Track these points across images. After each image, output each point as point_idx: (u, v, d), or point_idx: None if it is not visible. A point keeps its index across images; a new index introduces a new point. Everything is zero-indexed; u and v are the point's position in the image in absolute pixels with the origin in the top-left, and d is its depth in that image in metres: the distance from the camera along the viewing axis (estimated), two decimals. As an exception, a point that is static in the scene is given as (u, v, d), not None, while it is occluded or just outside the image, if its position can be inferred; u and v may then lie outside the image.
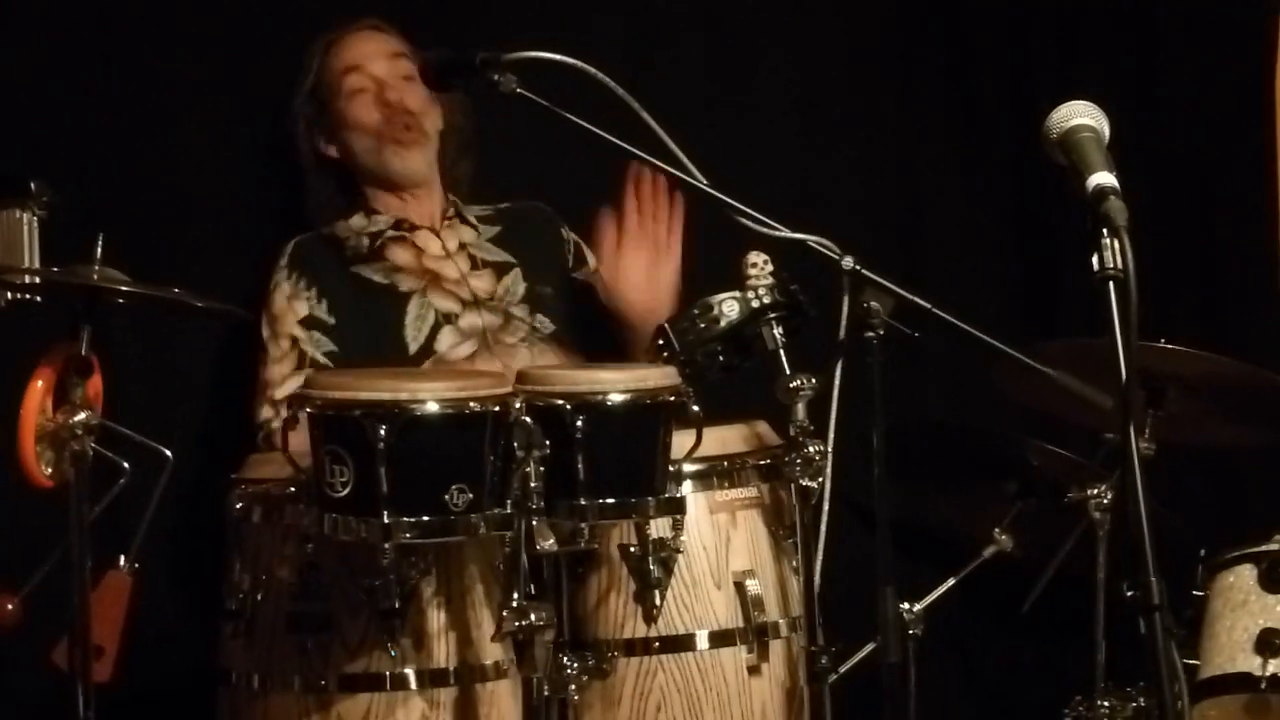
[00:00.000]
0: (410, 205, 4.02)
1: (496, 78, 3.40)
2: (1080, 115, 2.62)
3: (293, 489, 3.21)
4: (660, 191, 3.79)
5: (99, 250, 3.08)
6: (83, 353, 3.06)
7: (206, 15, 4.06)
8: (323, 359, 3.81)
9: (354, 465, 2.98)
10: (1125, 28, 4.85)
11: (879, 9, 4.72)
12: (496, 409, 3.03)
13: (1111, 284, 2.43)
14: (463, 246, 4.02)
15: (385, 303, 3.89)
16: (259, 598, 3.24)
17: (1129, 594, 2.44)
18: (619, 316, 3.88)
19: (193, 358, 3.98)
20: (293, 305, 3.85)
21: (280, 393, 3.71)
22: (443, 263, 3.97)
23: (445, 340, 3.87)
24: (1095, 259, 2.45)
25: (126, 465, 3.17)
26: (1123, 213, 2.45)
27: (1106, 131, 2.60)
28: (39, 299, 3.27)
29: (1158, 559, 2.41)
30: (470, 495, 3.00)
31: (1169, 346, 3.74)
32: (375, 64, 3.96)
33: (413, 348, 3.86)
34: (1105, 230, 2.44)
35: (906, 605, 3.51)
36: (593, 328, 3.98)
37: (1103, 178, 2.50)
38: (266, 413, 3.75)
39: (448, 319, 3.90)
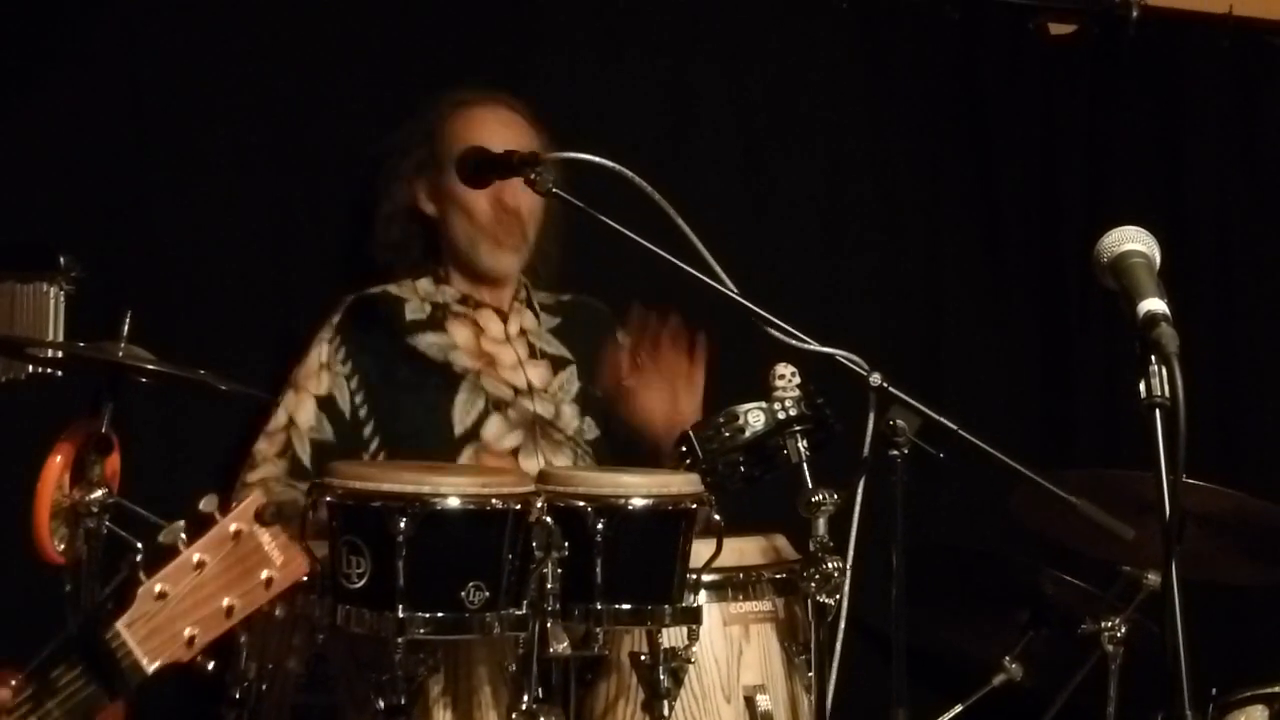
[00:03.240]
0: (482, 287, 3.99)
1: (533, 176, 3.42)
2: (1131, 240, 2.60)
3: (305, 578, 3.17)
4: (676, 334, 3.76)
5: (125, 328, 3.05)
6: (103, 430, 3.04)
7: (240, 94, 4.07)
8: (305, 458, 3.76)
9: (371, 557, 2.95)
10: (1153, 156, 4.87)
11: (908, 130, 4.74)
12: (518, 507, 3.00)
13: (1158, 412, 2.40)
14: (523, 332, 3.99)
15: (437, 380, 3.86)
16: (264, 687, 3.22)
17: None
18: (641, 431, 3.86)
19: (211, 439, 3.95)
20: (320, 376, 3.82)
21: (253, 475, 3.71)
22: (501, 347, 3.95)
23: (492, 428, 3.84)
24: (1142, 385, 2.43)
25: (140, 545, 3.13)
26: (1174, 340, 2.43)
27: (1158, 258, 2.59)
28: (60, 373, 3.26)
29: (1194, 692, 2.38)
30: (486, 594, 2.97)
31: (1189, 481, 3.68)
32: None
33: (458, 430, 3.82)
34: (1155, 357, 2.42)
35: (912, 730, 3.46)
36: (634, 437, 3.93)
37: (1154, 304, 2.49)
38: (239, 486, 3.72)
39: (498, 406, 3.86)
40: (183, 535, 2.64)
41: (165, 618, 2.55)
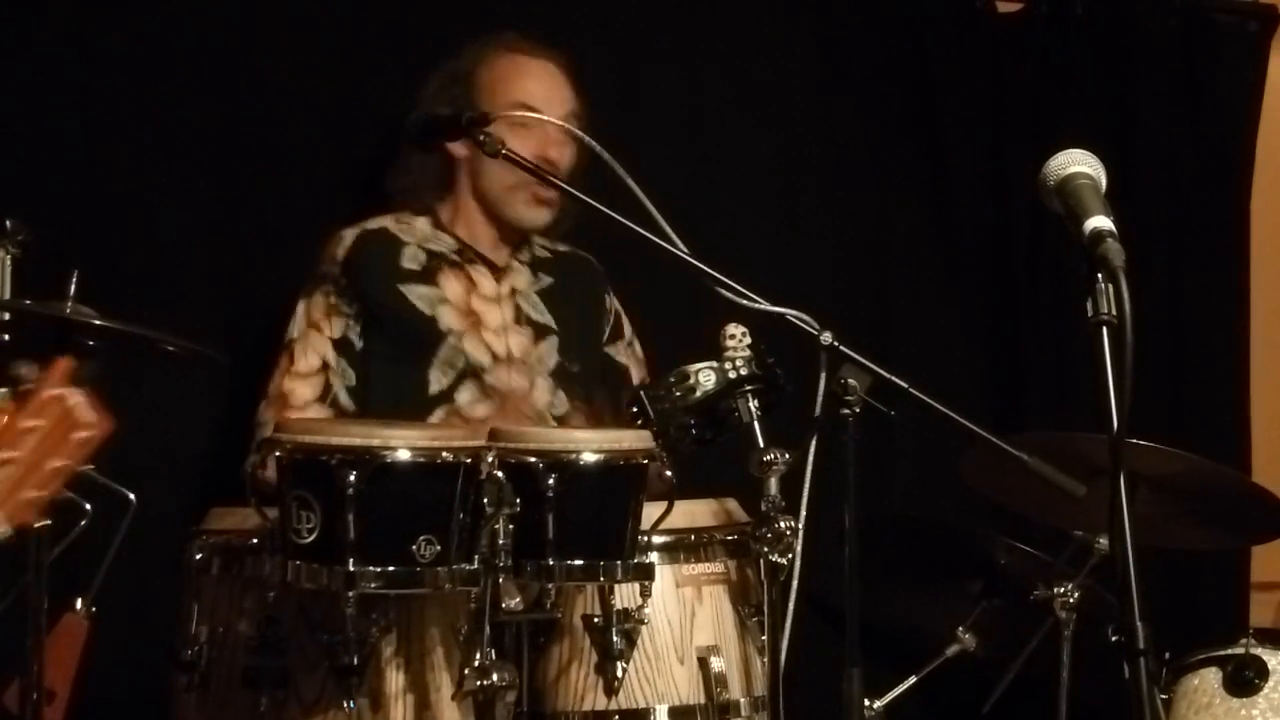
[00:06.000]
0: (484, 238, 3.91)
1: (482, 137, 3.41)
2: (1078, 163, 2.58)
3: (254, 540, 3.17)
4: None
5: (73, 287, 3.04)
6: (50, 391, 3.01)
7: (187, 52, 4.05)
8: (345, 398, 3.71)
9: (321, 511, 2.94)
10: (1101, 122, 4.89)
11: (858, 101, 4.75)
12: (468, 460, 2.99)
13: (1105, 329, 2.39)
14: (513, 293, 3.91)
15: (421, 334, 3.78)
16: (215, 651, 3.19)
17: (1113, 639, 2.39)
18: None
19: (160, 400, 3.91)
20: (330, 319, 3.75)
21: (300, 414, 3.61)
22: (489, 305, 3.86)
23: (466, 394, 3.78)
24: (1090, 304, 2.41)
25: (88, 506, 3.12)
26: (1120, 254, 2.41)
27: (1104, 180, 2.57)
28: (7, 337, 3.23)
29: (1144, 603, 2.39)
30: (437, 548, 2.96)
31: (1141, 443, 3.68)
32: (554, 111, 3.77)
33: (433, 388, 3.76)
34: (1101, 274, 2.41)
35: (867, 702, 3.46)
36: (606, 409, 3.93)
37: (1100, 221, 2.47)
38: (270, 427, 3.55)
39: (475, 373, 3.79)
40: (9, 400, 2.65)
41: (12, 483, 2.47)
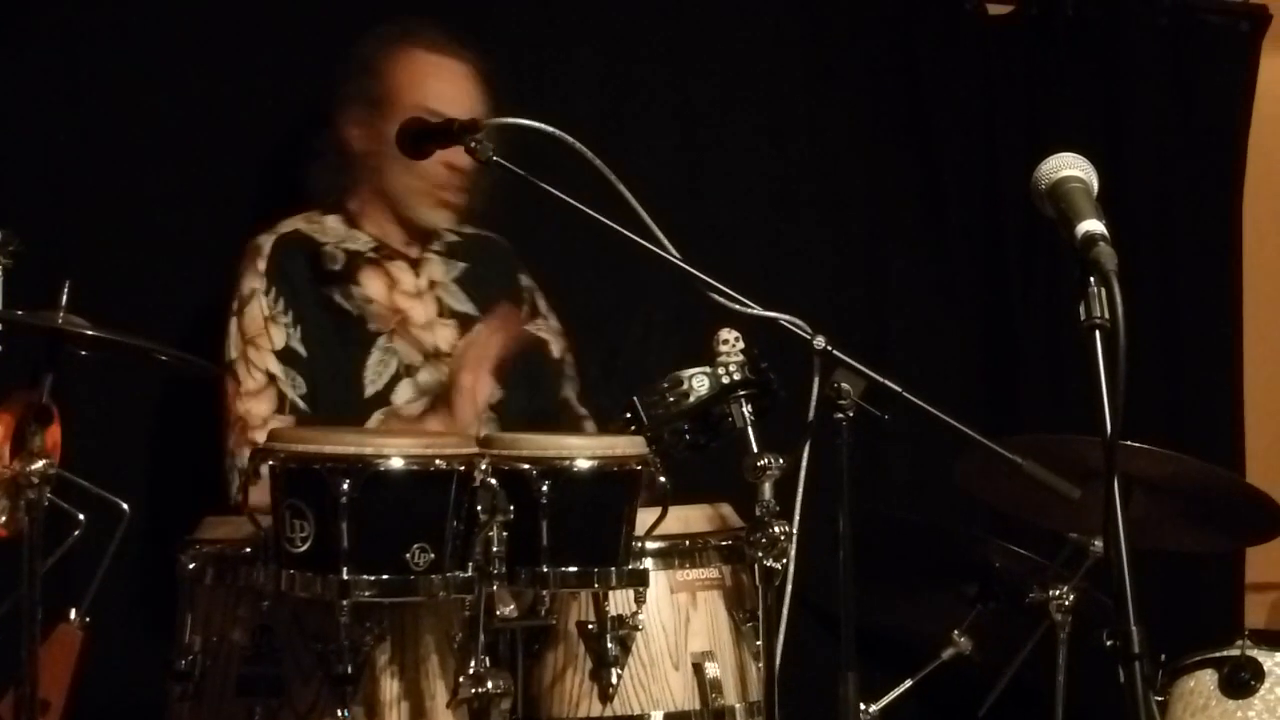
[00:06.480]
0: (393, 231, 3.93)
1: (473, 144, 3.40)
2: (1069, 167, 2.59)
3: (248, 550, 3.16)
4: None
5: (64, 297, 3.04)
6: (43, 400, 3.02)
7: (179, 62, 4.05)
8: (301, 404, 3.73)
9: (315, 520, 2.93)
10: (1092, 124, 4.90)
11: (850, 104, 4.75)
12: (462, 468, 2.99)
13: (1098, 333, 2.39)
14: (433, 285, 3.94)
15: (353, 337, 3.81)
16: (209, 660, 3.18)
17: (1108, 643, 2.39)
18: None
19: (152, 411, 3.93)
20: (269, 331, 3.76)
21: (262, 435, 3.54)
22: (413, 301, 3.90)
23: (403, 393, 3.81)
24: (1082, 307, 2.41)
25: (82, 517, 3.13)
26: (1112, 258, 2.41)
27: (1095, 184, 2.58)
28: (0, 348, 3.24)
29: (1139, 607, 2.38)
30: (431, 555, 2.95)
31: (1136, 445, 3.69)
32: (455, 112, 3.60)
33: (369, 391, 3.79)
34: (1093, 278, 2.41)
35: (863, 706, 3.45)
36: (535, 391, 3.95)
37: (1092, 225, 2.47)
38: (240, 452, 3.62)
39: (409, 371, 3.83)
40: None
41: None
